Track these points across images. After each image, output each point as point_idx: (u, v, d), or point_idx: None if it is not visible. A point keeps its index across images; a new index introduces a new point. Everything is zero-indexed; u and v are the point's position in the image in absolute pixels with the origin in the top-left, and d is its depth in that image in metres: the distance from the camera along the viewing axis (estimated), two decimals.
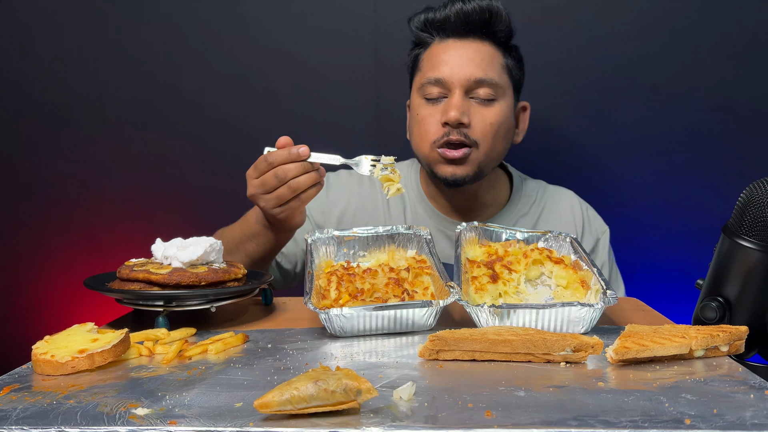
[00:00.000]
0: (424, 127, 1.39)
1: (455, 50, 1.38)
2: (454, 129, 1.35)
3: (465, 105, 1.36)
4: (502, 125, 1.39)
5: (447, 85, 1.37)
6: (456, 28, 1.39)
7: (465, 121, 1.35)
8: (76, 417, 0.67)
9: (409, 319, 0.99)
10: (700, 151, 1.78)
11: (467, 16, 1.37)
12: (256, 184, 1.21)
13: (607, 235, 1.55)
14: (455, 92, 1.36)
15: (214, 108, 1.84)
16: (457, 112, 1.33)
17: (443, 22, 1.39)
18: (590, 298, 1.05)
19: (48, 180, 1.88)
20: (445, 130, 1.36)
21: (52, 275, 1.91)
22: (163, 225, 1.87)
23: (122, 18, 1.81)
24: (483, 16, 1.37)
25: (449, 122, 1.35)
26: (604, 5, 1.75)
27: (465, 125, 1.35)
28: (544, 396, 0.73)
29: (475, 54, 1.37)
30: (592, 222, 1.55)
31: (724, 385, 0.76)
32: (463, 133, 1.35)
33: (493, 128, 1.37)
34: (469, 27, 1.38)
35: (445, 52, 1.39)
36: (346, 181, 1.58)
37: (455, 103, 1.35)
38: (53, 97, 1.85)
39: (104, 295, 1.06)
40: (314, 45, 1.81)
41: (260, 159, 1.20)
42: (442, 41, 1.41)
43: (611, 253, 1.56)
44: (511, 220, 1.51)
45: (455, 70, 1.36)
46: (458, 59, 1.37)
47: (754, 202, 0.90)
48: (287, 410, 0.66)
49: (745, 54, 1.74)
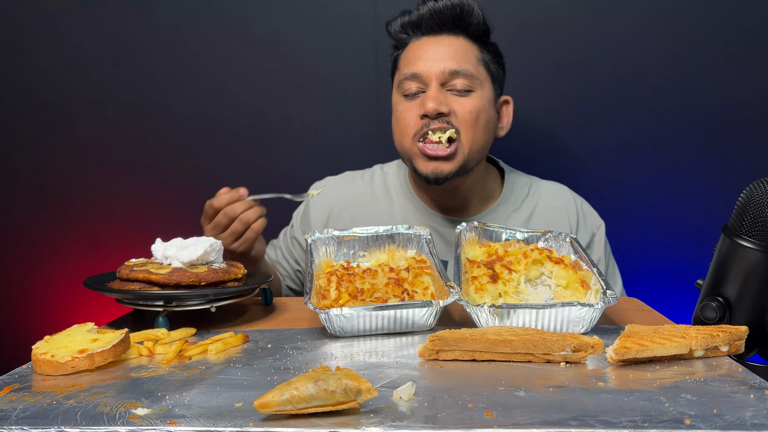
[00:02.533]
0: (403, 122, 1.41)
1: (430, 46, 1.41)
2: (434, 119, 1.37)
3: (442, 96, 1.38)
4: (482, 115, 1.40)
5: (423, 79, 1.39)
6: (430, 26, 1.42)
7: (444, 110, 1.36)
8: (76, 417, 0.67)
9: (409, 319, 0.99)
10: (700, 151, 1.78)
11: (439, 12, 1.40)
12: (210, 228, 1.35)
13: (603, 229, 1.55)
14: (432, 85, 1.38)
15: (214, 108, 1.84)
16: (435, 102, 1.35)
17: (417, 22, 1.43)
18: (590, 298, 1.05)
19: (48, 180, 1.88)
20: (424, 122, 1.37)
21: (52, 275, 1.91)
22: (163, 225, 1.87)
23: (122, 18, 1.81)
24: (454, 11, 1.40)
25: (428, 113, 1.36)
26: (604, 5, 1.75)
27: (445, 114, 1.37)
28: (544, 396, 0.73)
29: (448, 47, 1.40)
30: (587, 217, 1.55)
31: (724, 385, 0.76)
32: (444, 120, 1.37)
33: (473, 116, 1.38)
34: (442, 23, 1.41)
35: (420, 48, 1.42)
36: (334, 184, 1.59)
37: (432, 94, 1.37)
38: (53, 97, 1.85)
39: (104, 295, 1.06)
40: (314, 45, 1.81)
41: (207, 206, 1.35)
42: (418, 39, 1.44)
43: (608, 247, 1.56)
44: (502, 216, 1.50)
45: (430, 64, 1.39)
46: (433, 54, 1.40)
47: (754, 202, 0.90)
48: (287, 410, 0.66)
49: (745, 54, 1.74)
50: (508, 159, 1.65)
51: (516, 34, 1.75)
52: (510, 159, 1.66)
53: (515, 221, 1.50)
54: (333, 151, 1.84)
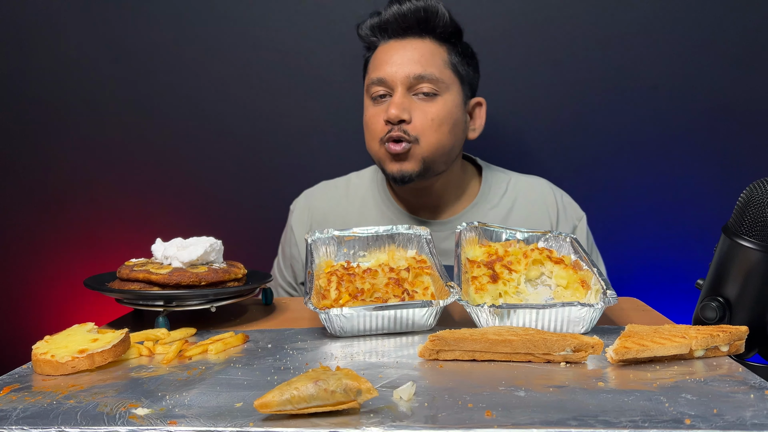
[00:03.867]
0: (371, 126, 1.43)
1: (395, 50, 1.42)
2: (395, 126, 1.38)
3: (406, 102, 1.39)
4: (446, 120, 1.41)
5: (389, 83, 1.40)
6: (395, 29, 1.43)
7: (405, 117, 1.38)
8: (76, 417, 0.67)
9: (409, 319, 0.99)
10: (700, 151, 1.78)
11: (403, 16, 1.41)
12: None
13: (585, 220, 1.55)
14: (397, 90, 1.39)
15: (214, 108, 1.84)
16: (397, 109, 1.37)
17: (384, 25, 1.44)
18: (590, 298, 1.05)
19: (48, 180, 1.88)
20: (389, 128, 1.39)
21: (52, 275, 1.91)
22: (163, 225, 1.87)
23: (122, 18, 1.81)
24: (419, 14, 1.40)
25: (390, 119, 1.38)
26: (604, 5, 1.75)
27: (406, 121, 1.38)
28: (544, 396, 0.73)
29: (413, 52, 1.41)
30: (567, 209, 1.55)
31: (724, 385, 0.76)
32: (402, 130, 1.38)
33: (435, 123, 1.39)
34: (407, 26, 1.42)
35: (386, 52, 1.43)
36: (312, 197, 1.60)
37: (395, 100, 1.38)
38: (53, 97, 1.85)
39: (104, 295, 1.06)
40: (314, 45, 1.81)
41: None
42: (385, 43, 1.45)
43: (590, 237, 1.56)
44: (479, 213, 1.51)
45: (395, 69, 1.40)
46: (398, 58, 1.41)
47: (754, 202, 0.90)
48: (287, 410, 0.66)
49: (745, 54, 1.74)
50: (505, 160, 1.65)
51: (513, 34, 1.75)
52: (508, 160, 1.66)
53: (494, 218, 1.50)
54: (333, 151, 1.84)
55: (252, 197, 1.86)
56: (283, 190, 1.84)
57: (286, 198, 1.65)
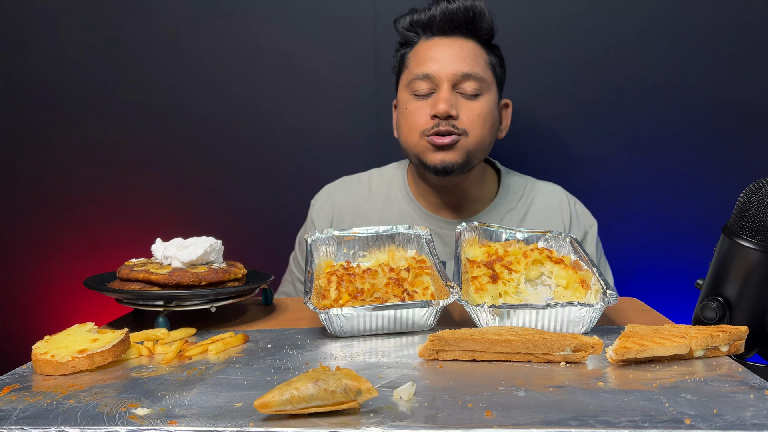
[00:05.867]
0: (413, 120, 1.43)
1: (441, 47, 1.43)
2: (442, 120, 1.39)
3: (453, 98, 1.40)
4: (488, 118, 1.43)
5: (435, 80, 1.41)
6: (441, 27, 1.44)
7: (453, 113, 1.39)
8: (76, 417, 0.67)
9: (409, 319, 0.99)
10: (700, 151, 1.78)
11: (452, 14, 1.42)
12: None
13: (595, 228, 1.58)
14: (443, 86, 1.40)
15: (214, 108, 1.84)
16: (446, 105, 1.38)
17: (429, 21, 1.44)
18: (590, 298, 1.05)
19: (48, 180, 1.88)
20: (435, 122, 1.40)
21: (52, 275, 1.91)
22: (163, 225, 1.87)
23: (122, 18, 1.81)
24: (467, 15, 1.42)
25: (438, 114, 1.39)
26: (604, 5, 1.75)
27: (453, 117, 1.40)
28: (544, 396, 0.73)
29: (460, 50, 1.42)
30: (580, 216, 1.58)
31: (724, 385, 0.76)
32: (451, 124, 1.39)
33: (480, 119, 1.41)
34: (454, 25, 1.43)
35: (432, 49, 1.44)
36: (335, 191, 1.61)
37: (444, 96, 1.39)
38: (53, 96, 1.85)
39: (104, 295, 1.06)
40: (314, 45, 1.81)
41: None
42: (428, 39, 1.46)
43: (599, 245, 1.58)
44: (497, 216, 1.53)
45: (442, 65, 1.41)
46: (445, 55, 1.42)
47: (754, 202, 0.90)
48: (287, 410, 0.66)
49: (745, 54, 1.74)
50: (506, 159, 1.65)
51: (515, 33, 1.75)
52: (509, 159, 1.66)
53: (510, 221, 1.52)
54: (333, 151, 1.84)
55: (252, 197, 1.86)
56: (283, 190, 1.84)
57: (286, 198, 1.65)
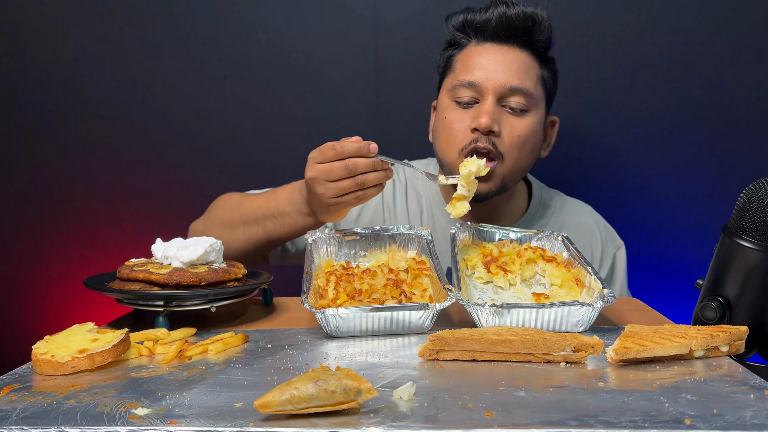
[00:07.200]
0: (451, 132, 1.34)
1: (492, 54, 1.33)
2: (483, 136, 1.30)
3: (497, 112, 1.30)
4: (530, 138, 1.34)
5: (480, 89, 1.32)
6: (496, 32, 1.33)
7: (495, 129, 1.29)
8: (76, 417, 0.67)
9: (405, 321, 0.99)
10: (700, 151, 1.78)
11: (510, 21, 1.32)
12: (321, 169, 1.15)
13: (623, 250, 1.52)
14: (488, 98, 1.31)
15: (214, 108, 1.84)
16: (488, 119, 1.28)
17: (483, 25, 1.34)
18: (586, 296, 1.05)
19: (48, 180, 1.88)
20: (474, 137, 1.31)
21: (52, 275, 1.91)
22: (163, 225, 1.87)
23: (122, 18, 1.81)
24: (526, 23, 1.32)
25: (479, 128, 1.29)
26: (604, 5, 1.75)
27: (495, 134, 1.30)
28: (544, 396, 0.73)
29: (512, 61, 1.32)
30: (608, 237, 1.53)
31: (724, 385, 0.76)
32: (491, 142, 1.30)
33: (521, 140, 1.32)
34: (510, 33, 1.33)
35: (482, 55, 1.34)
36: None
37: (487, 109, 1.30)
38: (53, 97, 1.85)
39: (104, 295, 1.06)
40: (314, 45, 1.81)
41: (327, 146, 1.15)
42: (479, 44, 1.36)
43: (624, 267, 1.54)
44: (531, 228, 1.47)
45: (490, 75, 1.31)
46: (495, 64, 1.32)
47: (754, 202, 0.90)
48: (287, 410, 0.66)
49: (745, 54, 1.74)
50: None
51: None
52: None
53: None
54: None
55: None
56: None
57: None
